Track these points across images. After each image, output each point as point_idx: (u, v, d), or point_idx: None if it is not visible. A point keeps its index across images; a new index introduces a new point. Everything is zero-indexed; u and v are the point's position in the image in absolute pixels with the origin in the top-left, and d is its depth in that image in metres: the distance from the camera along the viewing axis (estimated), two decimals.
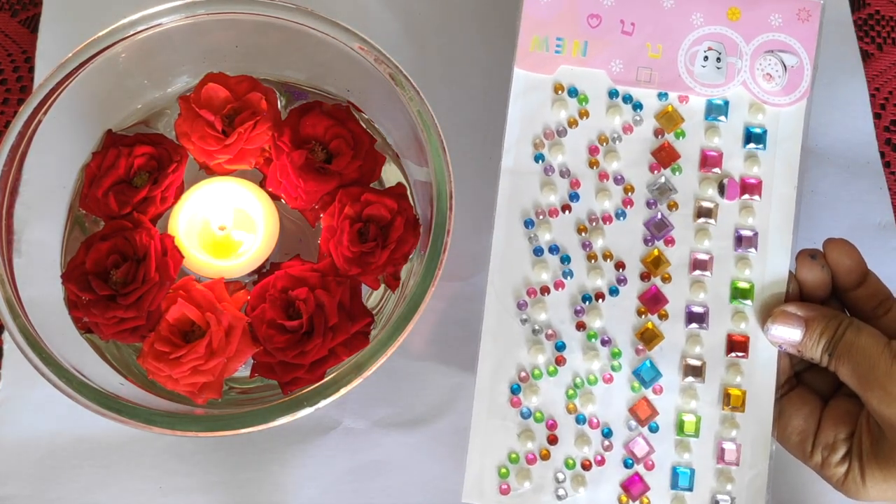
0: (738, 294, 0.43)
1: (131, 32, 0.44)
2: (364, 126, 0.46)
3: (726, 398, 0.43)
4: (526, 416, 0.43)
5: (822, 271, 0.42)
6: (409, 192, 0.47)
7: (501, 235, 0.44)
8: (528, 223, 0.44)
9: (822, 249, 0.43)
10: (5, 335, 0.45)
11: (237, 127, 0.44)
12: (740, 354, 0.43)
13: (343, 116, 0.46)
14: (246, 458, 0.49)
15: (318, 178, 0.44)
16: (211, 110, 0.45)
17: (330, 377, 0.40)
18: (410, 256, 0.45)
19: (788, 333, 0.42)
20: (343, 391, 0.40)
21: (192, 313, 0.42)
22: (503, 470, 0.42)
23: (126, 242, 0.43)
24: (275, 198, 0.46)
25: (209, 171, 0.47)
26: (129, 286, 0.42)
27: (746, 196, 0.44)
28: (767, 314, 0.43)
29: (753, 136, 0.44)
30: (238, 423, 0.39)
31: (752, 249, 0.43)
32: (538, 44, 0.44)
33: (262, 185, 0.47)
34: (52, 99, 0.43)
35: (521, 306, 0.43)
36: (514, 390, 0.43)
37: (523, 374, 0.43)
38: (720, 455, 0.43)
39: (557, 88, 0.44)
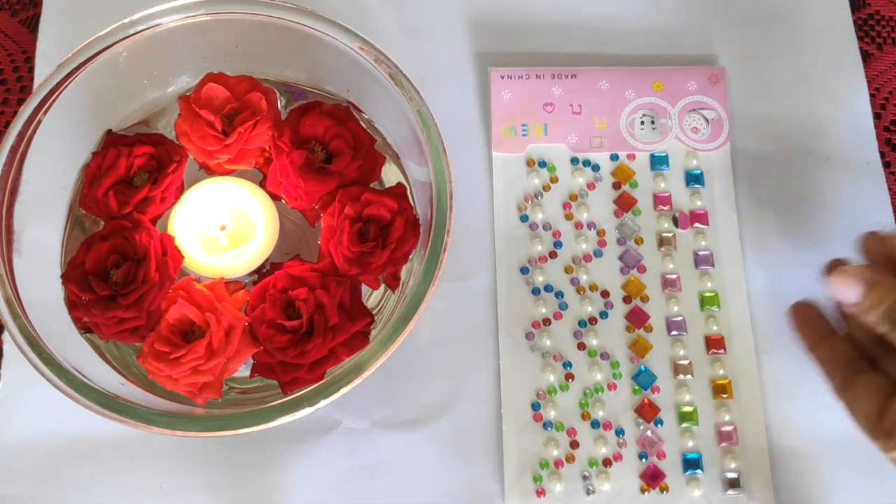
0: (706, 302, 0.52)
1: (131, 32, 0.44)
2: (364, 126, 0.46)
3: (714, 389, 0.50)
4: (548, 427, 0.49)
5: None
6: (409, 192, 0.47)
7: (504, 284, 0.51)
8: (524, 270, 0.52)
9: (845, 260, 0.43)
10: (5, 335, 0.45)
11: (237, 127, 0.44)
12: (719, 351, 0.51)
13: (343, 116, 0.46)
14: (246, 458, 0.49)
15: (318, 178, 0.44)
16: (211, 110, 0.45)
17: (330, 377, 0.40)
18: (410, 256, 0.45)
19: (845, 292, 0.41)
20: (343, 391, 0.40)
21: (192, 313, 0.42)
22: (537, 475, 0.48)
23: (126, 242, 0.43)
24: (275, 198, 0.46)
25: (209, 171, 0.47)
26: (129, 286, 0.42)
27: (697, 224, 0.53)
28: (735, 317, 0.50)
29: (693, 178, 0.54)
30: (238, 423, 0.39)
31: (710, 265, 0.52)
32: (508, 131, 0.54)
33: (262, 185, 0.47)
34: (52, 99, 0.43)
35: (530, 337, 0.51)
36: (535, 407, 0.50)
37: (540, 392, 0.50)
38: (719, 438, 0.49)
39: (529, 163, 0.54)
